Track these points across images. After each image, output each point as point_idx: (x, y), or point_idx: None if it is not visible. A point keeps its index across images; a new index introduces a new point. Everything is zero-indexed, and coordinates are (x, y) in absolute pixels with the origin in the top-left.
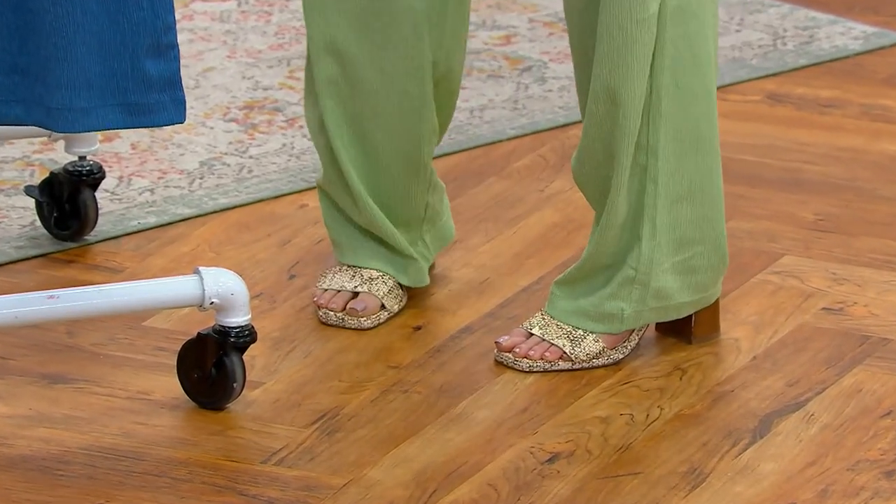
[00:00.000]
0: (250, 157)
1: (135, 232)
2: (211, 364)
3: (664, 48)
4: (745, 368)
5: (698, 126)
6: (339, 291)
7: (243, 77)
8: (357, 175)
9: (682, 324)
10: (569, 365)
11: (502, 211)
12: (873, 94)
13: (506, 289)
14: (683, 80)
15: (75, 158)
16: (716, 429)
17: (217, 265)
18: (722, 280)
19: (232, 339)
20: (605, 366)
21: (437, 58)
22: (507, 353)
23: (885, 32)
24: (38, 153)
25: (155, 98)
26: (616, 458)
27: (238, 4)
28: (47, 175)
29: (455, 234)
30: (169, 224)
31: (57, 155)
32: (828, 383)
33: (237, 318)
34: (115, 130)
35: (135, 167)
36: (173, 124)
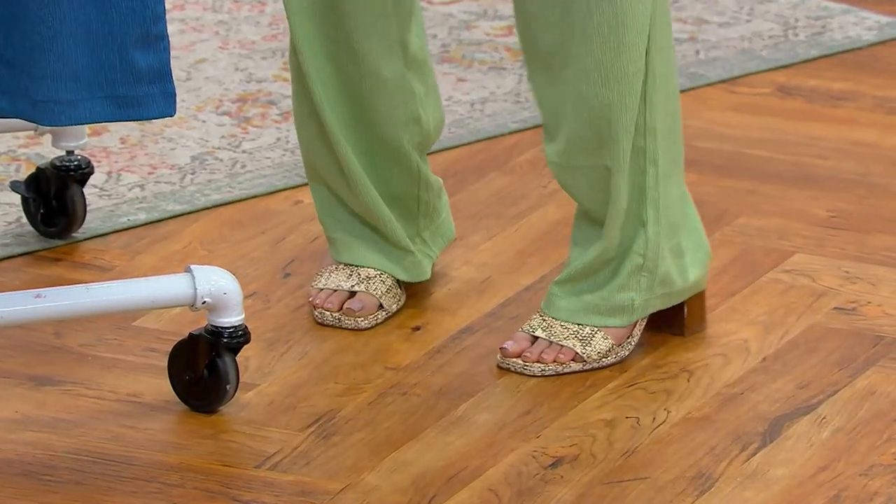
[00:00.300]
0: (243, 151)
1: (124, 229)
2: (203, 365)
3: (655, 19)
4: (754, 370)
5: (677, 99)
6: (336, 291)
7: (236, 69)
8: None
9: (674, 316)
10: (580, 366)
11: (504, 207)
12: (887, 86)
13: (507, 288)
14: (667, 50)
15: (63, 153)
16: (724, 432)
17: (209, 263)
18: (708, 264)
19: (225, 340)
20: (612, 364)
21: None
22: (516, 359)
23: None
24: (25, 147)
25: (144, 90)
26: (621, 462)
27: None
28: (34, 170)
29: (455, 231)
30: (159, 221)
31: (44, 149)
32: (840, 385)
33: (230, 318)
34: (104, 124)
35: (124, 162)
36: (163, 117)
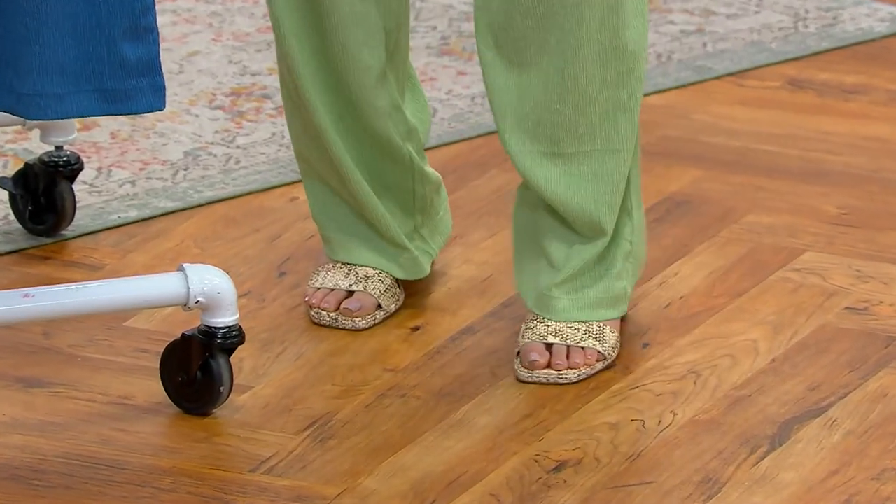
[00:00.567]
0: (238, 146)
1: (115, 227)
2: (196, 367)
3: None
4: (763, 371)
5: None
6: (333, 290)
7: (230, 62)
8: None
9: None
10: (603, 364)
11: (505, 204)
12: None
13: (509, 287)
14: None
15: (51, 148)
16: (732, 436)
17: (202, 262)
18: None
19: (218, 341)
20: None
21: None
22: (548, 370)
23: None
24: (12, 143)
25: (132, 84)
26: (626, 466)
27: None
28: (22, 166)
29: (453, 229)
30: (151, 218)
31: (32, 144)
32: (851, 387)
33: (224, 318)
34: (94, 118)
35: (115, 157)
36: (152, 111)
